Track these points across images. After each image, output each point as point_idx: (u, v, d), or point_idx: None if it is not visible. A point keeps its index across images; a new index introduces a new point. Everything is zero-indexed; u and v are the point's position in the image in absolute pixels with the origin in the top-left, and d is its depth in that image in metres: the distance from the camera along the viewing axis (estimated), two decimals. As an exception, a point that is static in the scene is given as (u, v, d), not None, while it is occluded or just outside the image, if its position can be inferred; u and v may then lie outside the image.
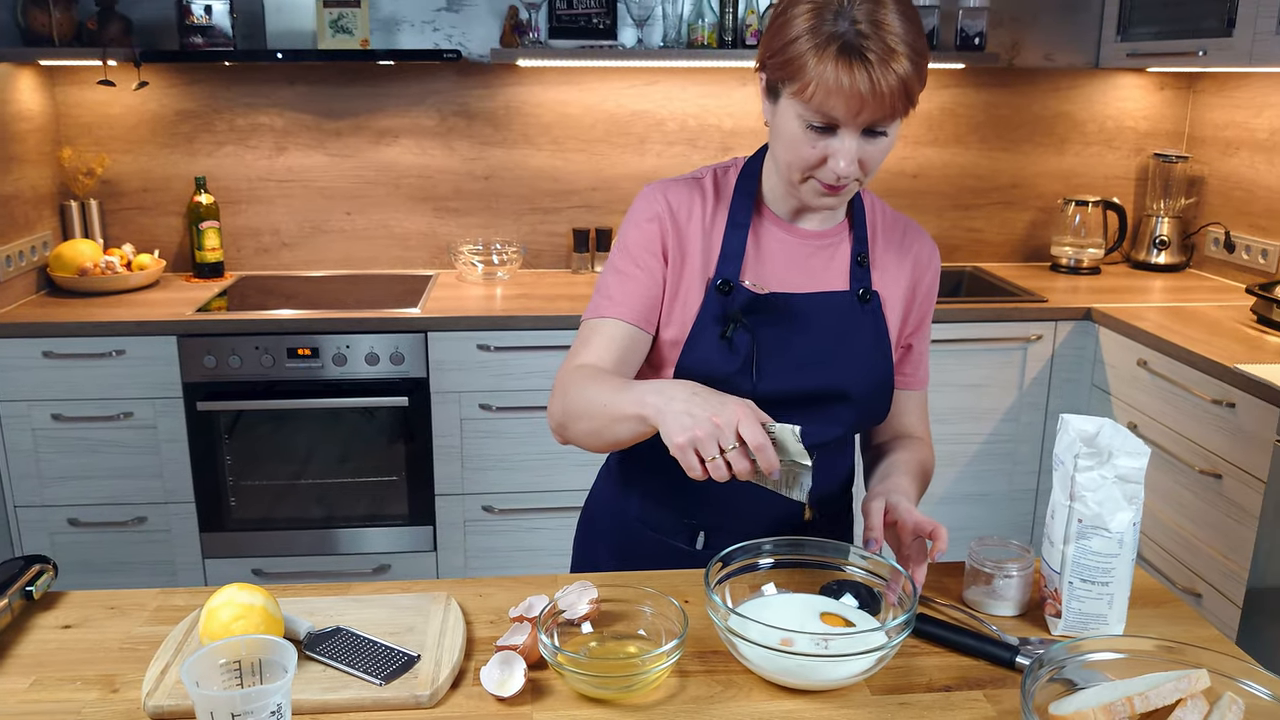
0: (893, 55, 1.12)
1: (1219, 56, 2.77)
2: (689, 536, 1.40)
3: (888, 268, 1.39)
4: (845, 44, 1.12)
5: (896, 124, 1.20)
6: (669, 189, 1.35)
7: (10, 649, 1.14)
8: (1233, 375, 2.34)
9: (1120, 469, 1.12)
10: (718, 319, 1.30)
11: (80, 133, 3.15)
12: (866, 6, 1.13)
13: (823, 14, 1.14)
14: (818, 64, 1.14)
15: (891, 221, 1.42)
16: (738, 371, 1.29)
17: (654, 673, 1.04)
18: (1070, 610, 1.17)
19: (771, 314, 1.31)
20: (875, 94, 1.13)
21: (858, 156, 1.19)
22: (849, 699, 1.05)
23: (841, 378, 1.33)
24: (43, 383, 2.71)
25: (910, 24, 1.15)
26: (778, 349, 1.31)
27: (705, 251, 1.33)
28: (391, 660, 1.08)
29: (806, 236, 1.36)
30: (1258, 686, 0.93)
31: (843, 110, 1.15)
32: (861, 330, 1.35)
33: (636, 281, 1.32)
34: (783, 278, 1.34)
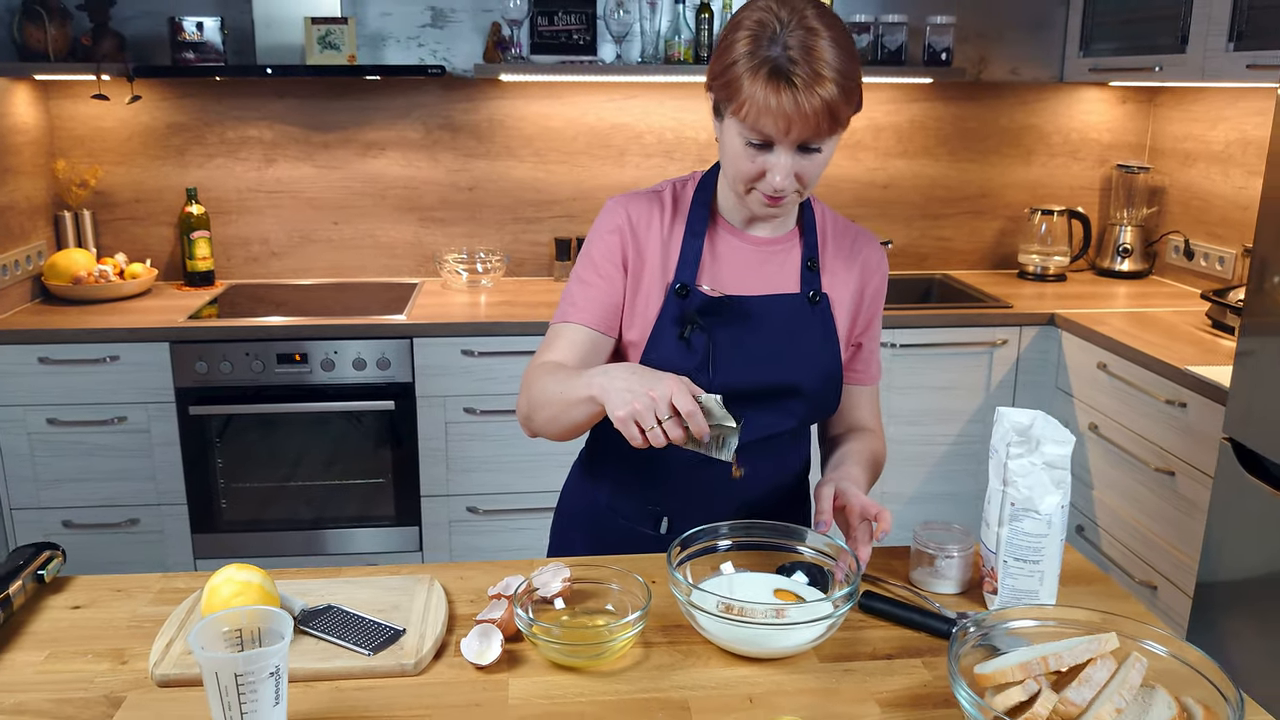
0: (819, 80, 1.22)
1: (1173, 72, 2.90)
2: (654, 522, 1.50)
3: (837, 272, 1.49)
4: (775, 68, 1.23)
5: (830, 141, 1.30)
6: (630, 202, 1.46)
7: (25, 627, 1.23)
8: (1184, 377, 2.45)
9: (1048, 456, 1.23)
10: (676, 321, 1.41)
11: (74, 145, 3.24)
12: (799, 34, 1.23)
13: (759, 40, 1.24)
14: (751, 85, 1.24)
15: (842, 229, 1.52)
16: (695, 369, 1.39)
17: (620, 641, 1.13)
18: (1005, 587, 1.27)
19: (726, 315, 1.41)
20: (801, 114, 1.23)
21: (793, 171, 1.29)
22: (799, 665, 1.15)
23: (793, 374, 1.44)
24: (38, 388, 2.79)
25: (841, 51, 1.25)
26: (732, 347, 1.41)
27: (664, 259, 1.43)
28: (379, 634, 1.17)
29: (759, 243, 1.46)
30: (1157, 646, 1.03)
31: (773, 128, 1.25)
32: (811, 329, 1.45)
33: (598, 289, 1.43)
34: (737, 282, 1.44)
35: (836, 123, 1.26)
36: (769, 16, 1.25)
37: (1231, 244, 3.17)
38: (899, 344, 3.00)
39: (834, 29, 1.25)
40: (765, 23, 1.25)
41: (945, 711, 1.08)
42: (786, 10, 1.25)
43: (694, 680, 1.12)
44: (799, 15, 1.24)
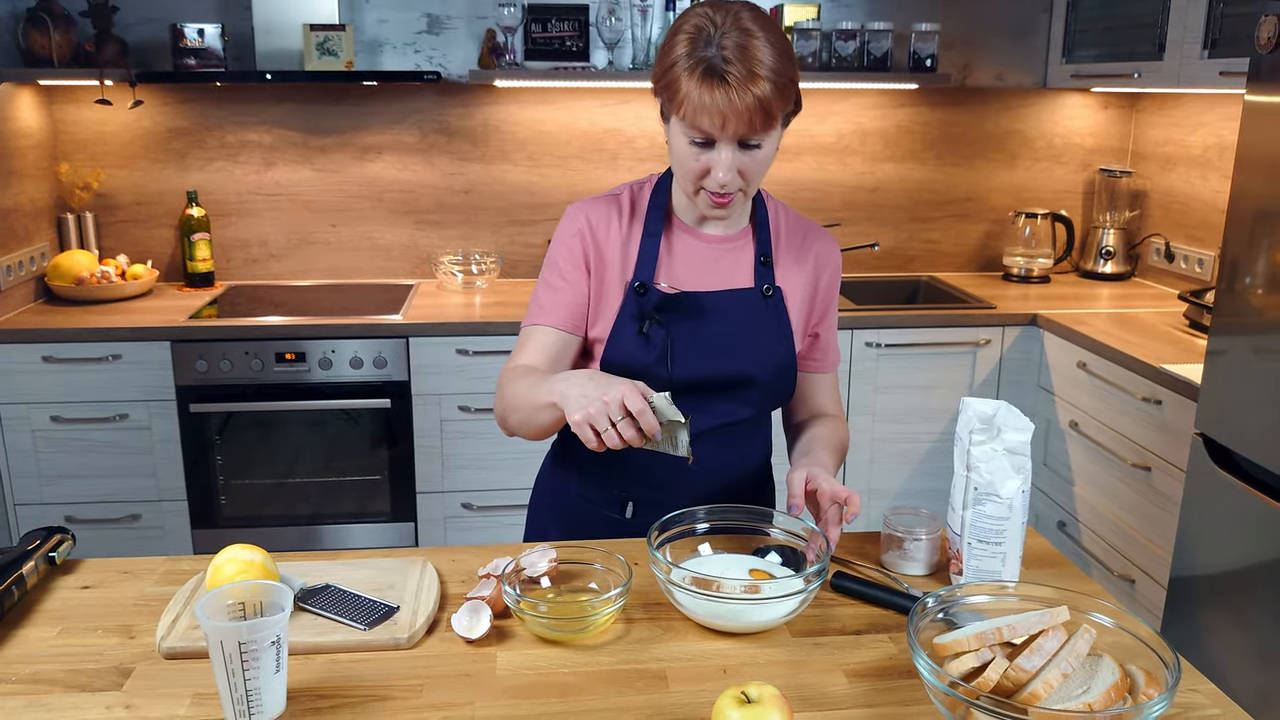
0: (752, 78, 1.30)
1: (1152, 78, 2.97)
2: (620, 507, 1.57)
3: (789, 266, 1.57)
4: (709, 67, 1.31)
5: (769, 138, 1.37)
6: (589, 208, 1.54)
7: (38, 605, 1.29)
8: (1159, 374, 2.52)
9: (1008, 442, 1.29)
10: (635, 317, 1.49)
11: (77, 149, 3.30)
12: (733, 35, 1.31)
13: (695, 42, 1.33)
14: (688, 84, 1.32)
15: (794, 225, 1.60)
16: (655, 362, 1.48)
17: (602, 615, 1.20)
18: (969, 568, 1.33)
19: (683, 311, 1.49)
20: (734, 110, 1.31)
21: (735, 167, 1.37)
22: (772, 640, 1.22)
23: (747, 364, 1.51)
24: (42, 386, 2.85)
25: (774, 51, 1.32)
26: (690, 341, 1.49)
27: (624, 259, 1.52)
28: (374, 610, 1.24)
29: (713, 241, 1.54)
30: (1104, 618, 1.10)
31: (710, 125, 1.33)
32: (765, 322, 1.53)
33: (563, 292, 1.52)
34: (693, 278, 1.52)
35: (770, 118, 1.34)
36: (705, 21, 1.34)
37: (1210, 246, 3.24)
38: (884, 344, 3.07)
39: (768, 31, 1.33)
40: (701, 27, 1.33)
41: (907, 681, 1.14)
42: (721, 15, 1.33)
43: (671, 653, 1.19)
44: (734, 18, 1.33)
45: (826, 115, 3.51)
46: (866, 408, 3.11)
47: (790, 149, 3.52)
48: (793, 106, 1.40)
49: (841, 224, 3.59)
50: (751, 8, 1.36)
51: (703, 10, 1.36)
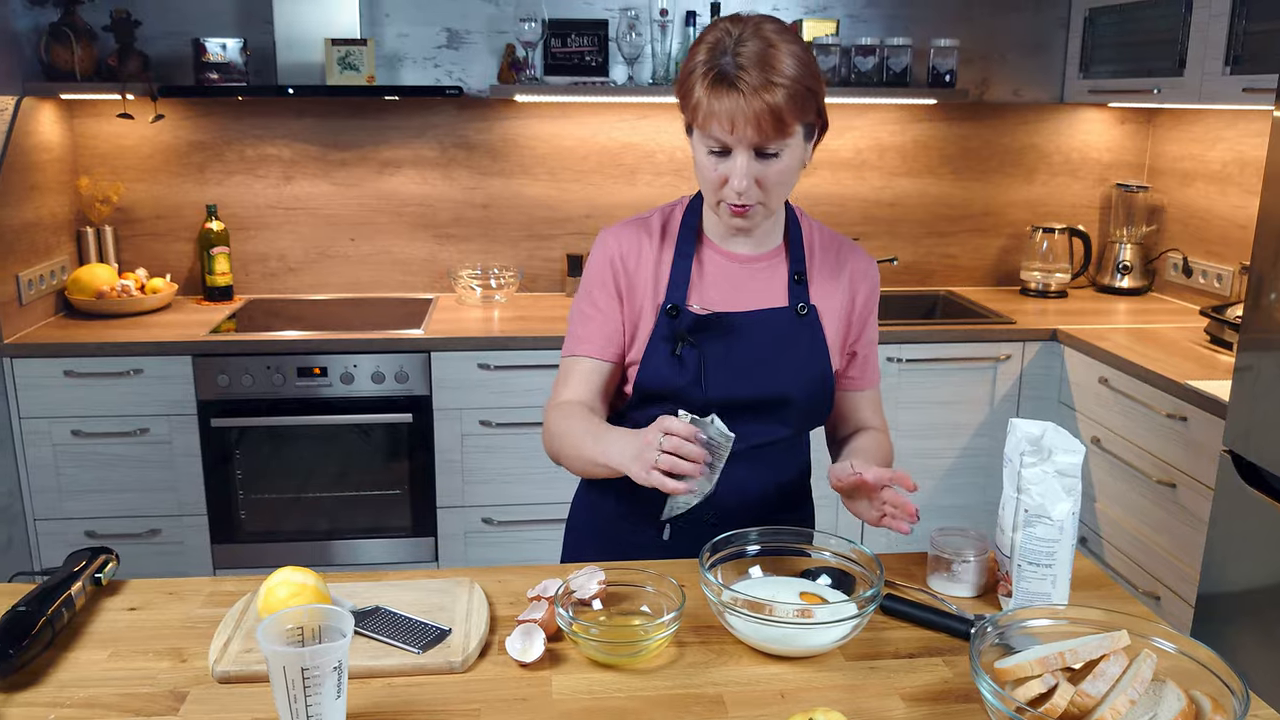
0: (764, 85, 1.31)
1: (1172, 94, 2.98)
2: (659, 529, 1.55)
3: (825, 283, 1.56)
4: (721, 73, 1.33)
5: (787, 147, 1.37)
6: (619, 234, 1.55)
7: (86, 627, 1.29)
8: (1185, 391, 2.52)
9: (1059, 464, 1.29)
10: (667, 339, 1.49)
11: (97, 162, 3.31)
12: (750, 44, 1.33)
13: (713, 52, 1.35)
14: (701, 91, 1.35)
15: (828, 242, 1.59)
16: (689, 384, 1.48)
17: (656, 640, 1.19)
18: (1019, 590, 1.33)
19: (716, 331, 1.49)
20: (744, 116, 1.32)
21: (751, 175, 1.37)
22: (826, 663, 1.21)
23: (782, 384, 1.51)
24: (63, 400, 2.85)
25: (793, 60, 1.33)
26: (723, 362, 1.49)
27: (655, 282, 1.52)
28: (426, 633, 1.23)
29: (745, 260, 1.54)
30: (1166, 643, 1.10)
31: (719, 130, 1.34)
32: (799, 341, 1.53)
33: (597, 321, 1.53)
34: (726, 298, 1.52)
35: (782, 125, 1.33)
36: (723, 34, 1.36)
37: (1229, 261, 3.24)
38: (905, 359, 3.07)
39: (788, 42, 1.35)
40: (719, 39, 1.35)
41: (966, 706, 1.14)
42: (740, 27, 1.36)
43: (727, 677, 1.18)
44: (754, 28, 1.35)
45: (844, 130, 3.52)
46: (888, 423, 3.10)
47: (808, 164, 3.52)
48: (815, 119, 1.40)
49: (860, 239, 3.59)
50: (774, 21, 1.38)
51: (724, 23, 1.38)
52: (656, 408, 1.49)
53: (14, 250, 2.90)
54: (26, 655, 1.17)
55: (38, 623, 1.20)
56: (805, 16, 3.38)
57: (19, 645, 1.16)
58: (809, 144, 1.44)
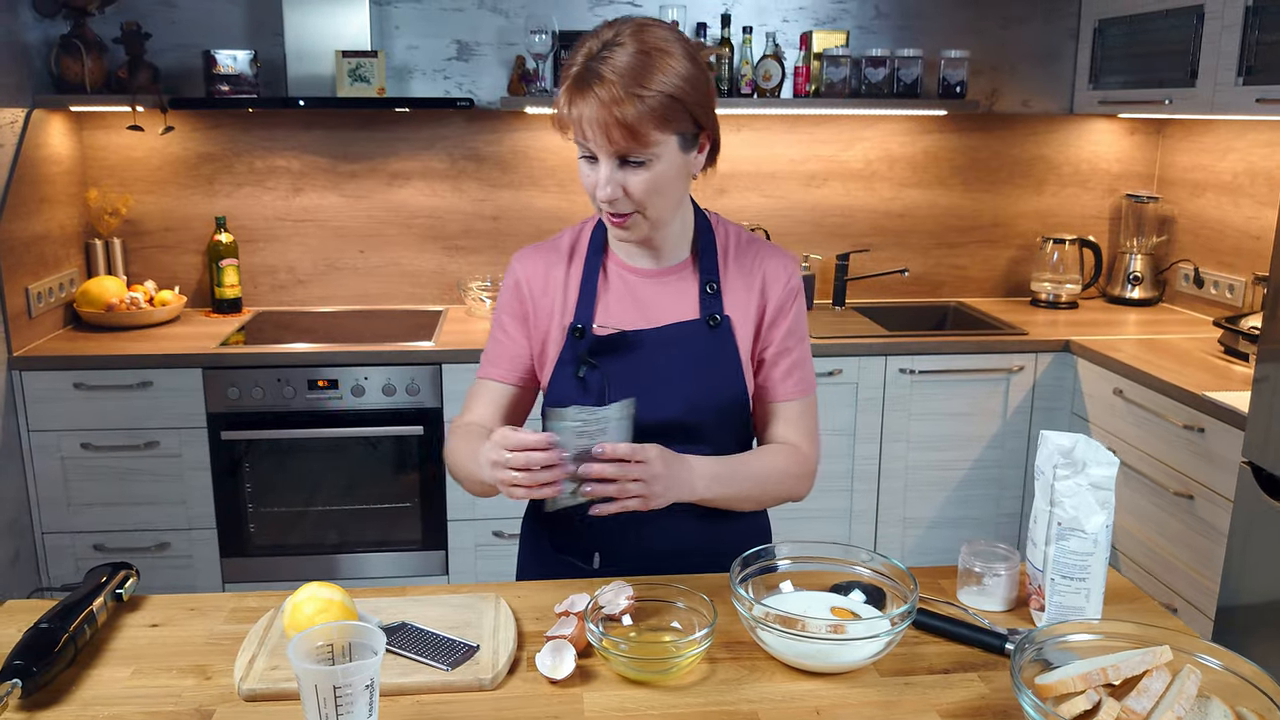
0: (621, 97, 1.27)
1: (1184, 105, 2.97)
2: (587, 557, 1.52)
3: (738, 290, 1.50)
4: (582, 77, 1.30)
5: (658, 158, 1.32)
6: (524, 258, 1.54)
7: (107, 644, 1.27)
8: (1202, 402, 2.51)
9: (1093, 477, 1.28)
10: (573, 361, 1.46)
11: (105, 174, 3.30)
12: (614, 50, 1.30)
13: (587, 55, 1.32)
14: (564, 93, 1.33)
15: (745, 247, 1.52)
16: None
17: (689, 656, 1.17)
18: (1052, 604, 1.31)
19: (621, 351, 1.45)
20: (594, 123, 1.29)
21: (617, 183, 1.33)
22: (861, 679, 1.20)
23: (693, 402, 1.45)
24: (72, 413, 2.83)
25: (665, 72, 1.29)
26: (629, 381, 1.44)
27: (564, 303, 1.50)
28: (454, 650, 1.22)
29: (652, 274, 1.49)
30: (1210, 659, 1.08)
31: (579, 136, 1.33)
32: (712, 355, 1.47)
33: (503, 345, 1.53)
34: (636, 315, 1.48)
35: (637, 137, 1.29)
36: (596, 39, 1.33)
37: (1241, 272, 3.23)
38: (918, 370, 3.05)
39: (664, 53, 1.30)
40: (591, 47, 1.32)
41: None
42: (614, 30, 1.32)
43: (761, 693, 1.16)
44: (632, 33, 1.31)
45: (854, 141, 3.51)
46: (900, 434, 3.10)
47: (819, 174, 3.52)
48: (693, 129, 1.35)
49: (870, 249, 3.58)
50: (661, 27, 1.34)
51: (606, 26, 1.35)
52: None
53: (23, 263, 2.89)
54: (50, 673, 1.15)
55: (60, 640, 1.18)
56: (815, 28, 3.38)
57: (42, 663, 1.14)
58: (692, 153, 1.38)
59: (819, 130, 3.49)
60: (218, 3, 3.20)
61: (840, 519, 3.14)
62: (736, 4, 3.35)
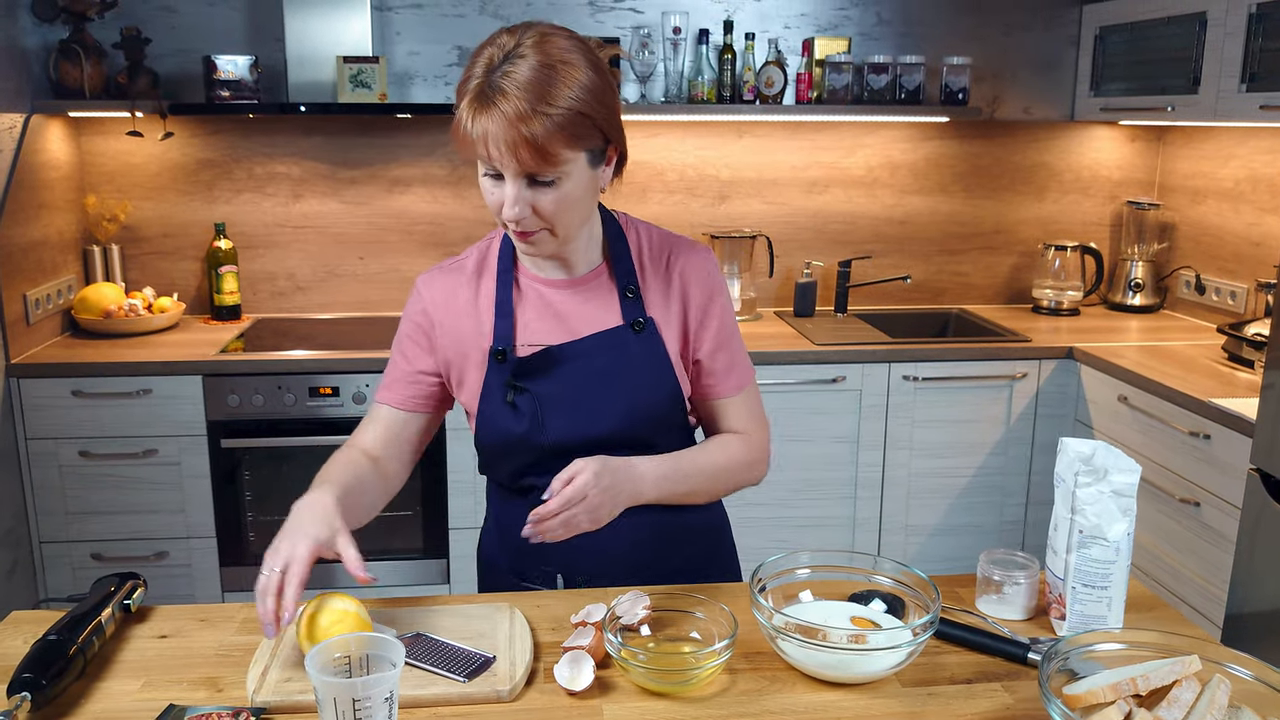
0: (526, 114, 1.19)
1: (1186, 112, 2.97)
2: (549, 580, 1.48)
3: (658, 291, 1.44)
4: (482, 91, 1.21)
5: (568, 177, 1.26)
6: (430, 282, 1.46)
7: (116, 656, 1.25)
8: (1208, 409, 2.50)
9: (1115, 484, 1.26)
10: (499, 386, 1.40)
11: (104, 181, 3.27)
12: (515, 62, 1.21)
13: (486, 66, 1.23)
14: (465, 108, 1.23)
15: (659, 246, 1.46)
16: (528, 431, 1.39)
17: (710, 667, 1.16)
18: (1074, 613, 1.30)
19: (548, 369, 1.39)
20: (504, 144, 1.21)
21: (526, 202, 1.26)
22: (883, 690, 1.18)
23: (633, 409, 1.40)
24: (71, 421, 2.81)
25: (570, 86, 1.22)
26: (560, 402, 1.39)
27: (478, 324, 1.42)
28: (471, 661, 1.20)
29: (568, 285, 1.43)
30: (1240, 669, 1.07)
31: (481, 154, 1.24)
32: (641, 360, 1.41)
33: (400, 369, 1.47)
34: (558, 329, 1.42)
35: (546, 156, 1.22)
36: (497, 49, 1.24)
37: (1243, 279, 3.23)
38: (921, 377, 3.04)
39: (569, 63, 1.23)
40: (491, 58, 1.23)
41: (1030, 734, 1.11)
42: (515, 39, 1.24)
43: (783, 705, 1.15)
44: (534, 42, 1.23)
45: (856, 148, 3.51)
46: (904, 442, 3.08)
47: (820, 181, 3.51)
48: (602, 143, 1.29)
49: (872, 256, 3.57)
50: (564, 35, 1.26)
51: (505, 33, 1.26)
52: (505, 463, 1.44)
53: (21, 269, 2.87)
54: (59, 686, 1.13)
55: (69, 652, 1.16)
56: (817, 34, 3.38)
57: (51, 675, 1.12)
58: (600, 168, 1.32)
59: (821, 137, 3.48)
60: (218, 8, 3.19)
61: (844, 527, 3.13)
62: (739, 10, 3.34)
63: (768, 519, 2.99)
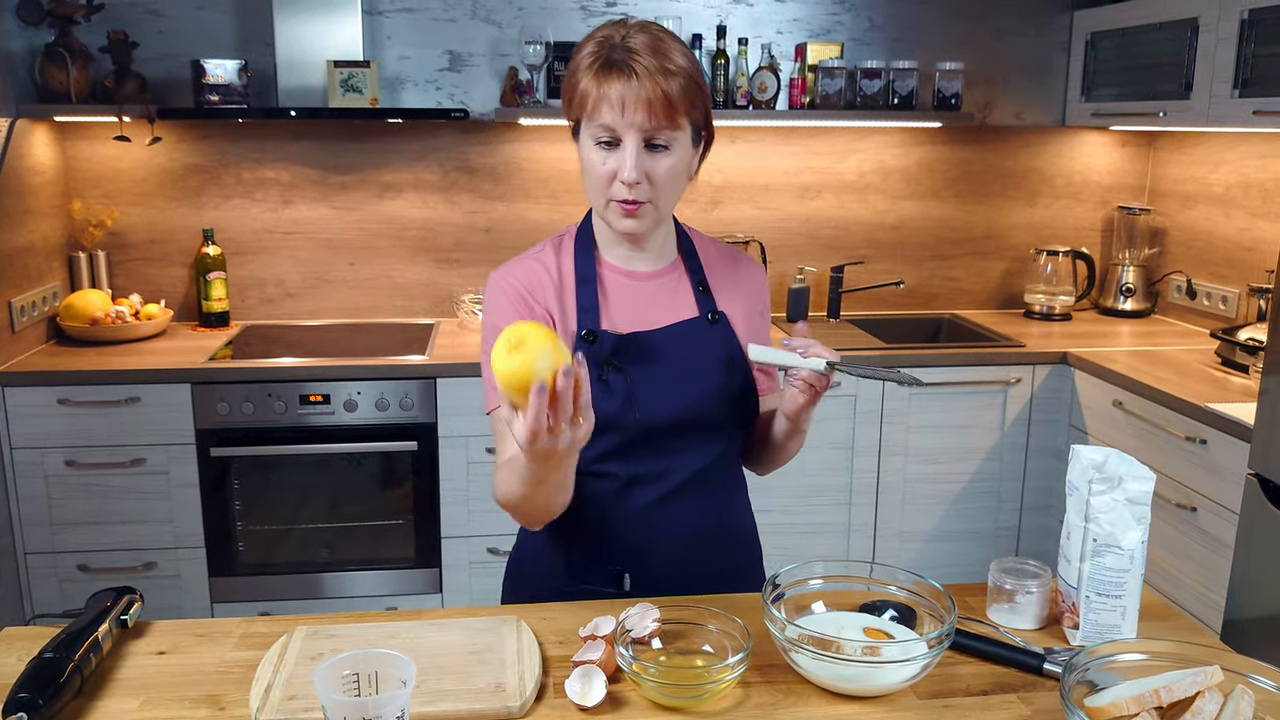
0: (659, 70, 1.31)
1: (1179, 117, 2.98)
2: (616, 581, 1.48)
3: (727, 291, 1.53)
4: (610, 60, 1.33)
5: (677, 144, 1.36)
6: (512, 270, 1.49)
7: (113, 674, 1.22)
8: (1204, 414, 2.50)
9: (1130, 492, 1.25)
10: (590, 365, 1.40)
11: (90, 186, 3.23)
12: (640, 36, 1.34)
13: (600, 47, 1.35)
14: (589, 81, 1.34)
15: (723, 253, 1.57)
16: (619, 409, 1.42)
17: (724, 681, 1.14)
18: (1088, 622, 1.29)
19: (634, 353, 1.44)
20: (635, 97, 1.31)
21: (642, 168, 1.35)
22: (898, 703, 1.16)
23: (710, 396, 1.46)
24: (57, 430, 2.76)
25: (681, 54, 1.35)
26: (649, 382, 1.44)
27: (563, 312, 1.46)
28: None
29: (647, 277, 1.50)
30: (1264, 680, 1.06)
31: (609, 115, 1.33)
32: (717, 350, 1.48)
33: None
34: (636, 318, 1.47)
35: (672, 110, 1.33)
36: (611, 31, 1.37)
37: (1234, 283, 3.24)
38: (915, 383, 3.03)
39: (676, 39, 1.37)
40: (607, 35, 1.36)
41: (1050, 747, 1.09)
42: (626, 27, 1.37)
43: (798, 718, 1.13)
44: (641, 26, 1.37)
45: (848, 153, 3.50)
46: (899, 448, 3.08)
47: (812, 186, 3.51)
48: (703, 124, 1.40)
49: (864, 261, 3.57)
50: (660, 25, 1.39)
51: (610, 24, 1.39)
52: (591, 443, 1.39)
53: (5, 276, 2.82)
54: (57, 705, 1.10)
55: (66, 669, 1.13)
56: (810, 40, 3.37)
57: (48, 694, 1.09)
58: (696, 151, 1.42)
59: (813, 142, 3.47)
60: (207, 12, 3.15)
61: (839, 533, 3.11)
62: (731, 15, 3.34)
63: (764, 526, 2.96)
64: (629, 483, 1.45)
